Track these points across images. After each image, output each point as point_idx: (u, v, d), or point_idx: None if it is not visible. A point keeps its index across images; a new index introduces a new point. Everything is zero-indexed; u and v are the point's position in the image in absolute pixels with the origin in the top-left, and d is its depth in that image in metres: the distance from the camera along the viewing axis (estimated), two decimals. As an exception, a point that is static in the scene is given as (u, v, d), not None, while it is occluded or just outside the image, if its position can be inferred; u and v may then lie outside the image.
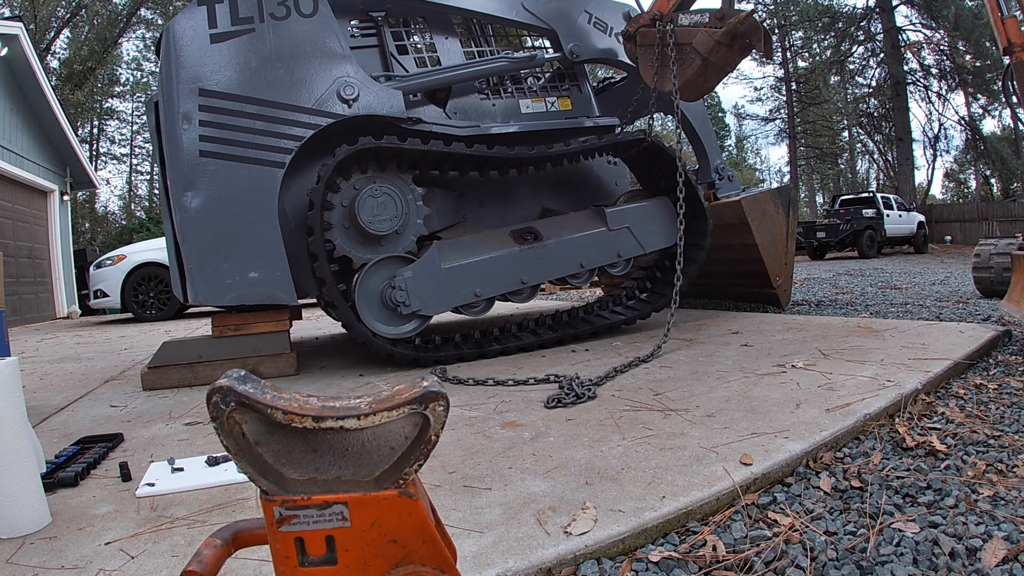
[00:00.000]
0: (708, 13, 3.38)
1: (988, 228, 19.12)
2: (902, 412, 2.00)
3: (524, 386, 2.65)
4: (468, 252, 3.46)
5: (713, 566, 1.20)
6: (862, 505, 1.42)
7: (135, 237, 16.79)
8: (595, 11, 4.23)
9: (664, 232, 3.91)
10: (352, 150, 3.12)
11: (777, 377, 2.44)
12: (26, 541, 1.39)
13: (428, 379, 0.68)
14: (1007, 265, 4.61)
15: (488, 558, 1.20)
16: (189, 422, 2.45)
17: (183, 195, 3.06)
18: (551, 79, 4.28)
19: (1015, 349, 2.85)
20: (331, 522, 0.67)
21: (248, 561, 1.22)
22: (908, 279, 7.73)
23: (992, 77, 20.01)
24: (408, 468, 0.68)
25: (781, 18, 24.33)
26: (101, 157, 28.18)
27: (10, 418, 1.45)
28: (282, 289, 3.16)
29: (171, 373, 3.27)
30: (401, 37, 3.83)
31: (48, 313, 10.73)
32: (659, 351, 3.10)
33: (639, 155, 4.04)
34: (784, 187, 4.92)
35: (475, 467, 1.70)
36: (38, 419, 2.66)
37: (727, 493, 1.45)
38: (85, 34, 22.62)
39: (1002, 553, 1.15)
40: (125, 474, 1.78)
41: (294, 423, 0.63)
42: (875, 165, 31.99)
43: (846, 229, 14.99)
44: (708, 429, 1.86)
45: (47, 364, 4.60)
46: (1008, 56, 3.35)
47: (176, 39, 3.10)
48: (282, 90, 3.21)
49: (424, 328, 3.36)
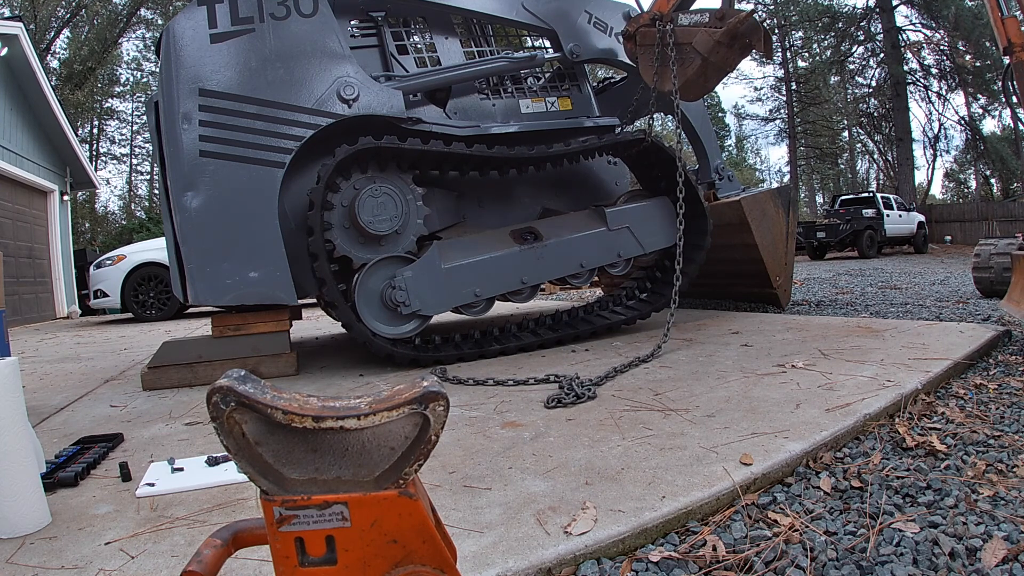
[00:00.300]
0: (708, 13, 3.38)
1: (988, 228, 19.12)
2: (902, 412, 2.00)
3: (524, 386, 2.65)
4: (468, 252, 3.46)
5: (713, 566, 1.20)
6: (862, 505, 1.42)
7: (135, 237, 16.80)
8: (595, 11, 4.23)
9: (664, 232, 3.91)
10: (352, 150, 3.12)
11: (777, 377, 2.44)
12: (26, 541, 1.39)
13: (428, 379, 0.68)
14: (1007, 265, 4.61)
15: (488, 558, 1.20)
16: (189, 422, 2.45)
17: (183, 195, 3.06)
18: (551, 79, 4.28)
19: (1015, 349, 2.85)
20: (331, 522, 0.67)
21: (248, 561, 1.22)
22: (908, 279, 7.73)
23: (992, 77, 20.01)
24: (408, 468, 0.68)
25: (781, 18, 24.34)
26: (101, 157, 28.19)
27: (10, 418, 1.45)
28: (282, 289, 3.16)
29: (171, 373, 3.27)
30: (401, 37, 3.83)
31: (48, 313, 10.73)
32: (659, 351, 3.10)
33: (639, 155, 4.04)
34: (784, 187, 4.92)
35: (475, 467, 1.70)
36: (38, 419, 2.66)
37: (727, 493, 1.45)
38: (85, 34, 22.63)
39: (1002, 553, 1.16)
40: (125, 474, 1.78)
41: (294, 423, 0.63)
42: (875, 165, 32.02)
43: (846, 229, 15.00)
44: (708, 429, 1.86)
45: (47, 364, 4.60)
46: (1008, 56, 3.35)
47: (176, 39, 3.10)
48: (282, 90, 3.21)
49: (424, 328, 3.36)
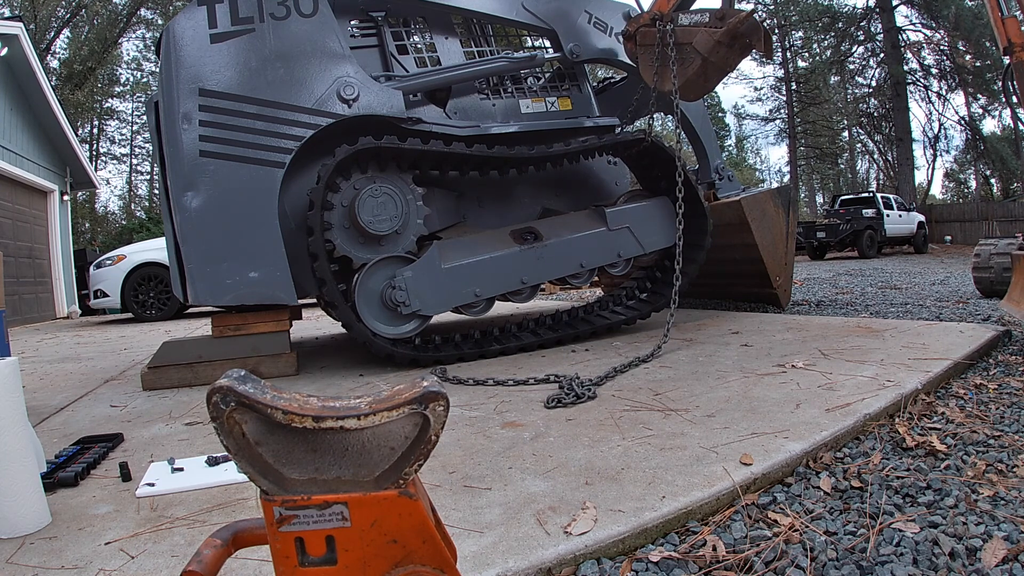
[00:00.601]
0: (708, 13, 3.38)
1: (988, 228, 19.12)
2: (902, 412, 2.00)
3: (524, 386, 2.65)
4: (468, 252, 3.46)
5: (713, 566, 1.20)
6: (862, 505, 1.42)
7: (135, 237, 16.80)
8: (595, 11, 4.23)
9: (664, 232, 3.91)
10: (352, 150, 3.12)
11: (777, 377, 2.44)
12: (26, 541, 1.39)
13: (428, 379, 0.68)
14: (1007, 265, 4.61)
15: (488, 558, 1.20)
16: (189, 422, 2.45)
17: (183, 195, 3.06)
18: (551, 79, 4.28)
19: (1015, 349, 2.85)
20: (331, 522, 0.67)
21: (248, 561, 1.22)
22: (908, 279, 7.73)
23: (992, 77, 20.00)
24: (408, 468, 0.67)
25: (781, 18, 24.34)
26: (101, 157, 28.19)
27: (10, 418, 1.45)
28: (282, 289, 3.16)
29: (171, 373, 3.27)
30: (401, 37, 3.83)
31: (48, 313, 10.73)
32: (659, 351, 3.09)
33: (639, 155, 4.04)
34: (784, 187, 4.92)
35: (475, 467, 1.70)
36: (38, 419, 2.66)
37: (727, 493, 1.45)
38: (85, 34, 22.62)
39: (1002, 553, 1.15)
40: (125, 474, 1.78)
41: (294, 423, 0.63)
42: (875, 165, 32.01)
43: (846, 229, 15.00)
44: (708, 429, 1.86)
45: (47, 364, 4.60)
46: (1008, 56, 3.35)
47: (176, 39, 3.10)
48: (282, 90, 3.21)
49: (424, 328, 3.36)
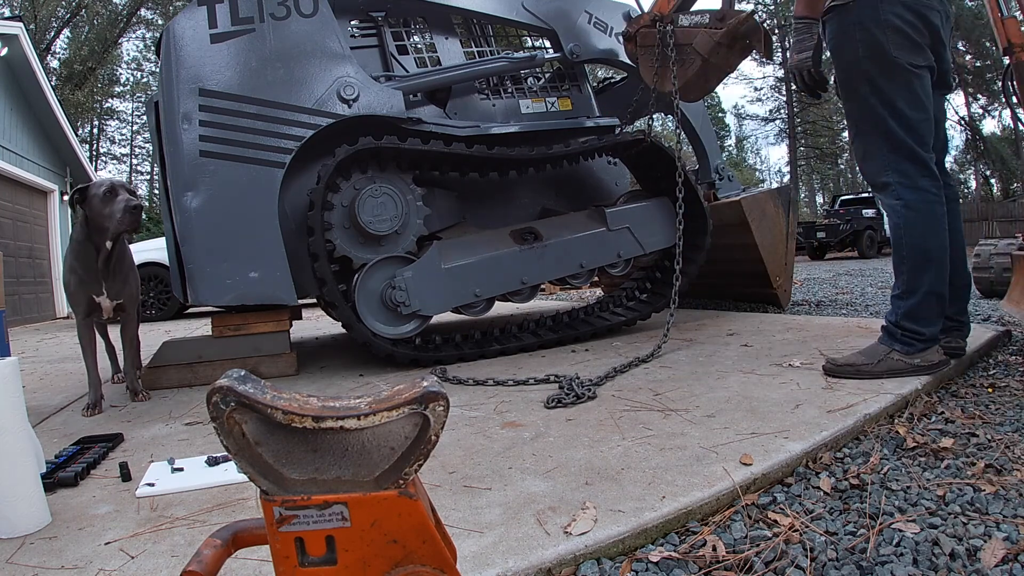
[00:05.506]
0: (708, 14, 3.37)
1: (988, 228, 19.13)
2: (902, 412, 2.00)
3: (524, 386, 2.65)
4: (468, 252, 3.46)
5: (713, 566, 1.20)
6: (862, 505, 1.42)
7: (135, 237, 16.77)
8: (595, 11, 4.23)
9: (664, 232, 3.91)
10: (352, 150, 3.12)
11: (777, 377, 2.44)
12: (26, 541, 1.39)
13: (428, 379, 0.68)
14: (1007, 265, 4.60)
15: (488, 558, 1.20)
16: (189, 422, 2.45)
17: (183, 195, 3.06)
18: (551, 79, 4.28)
19: (1015, 349, 2.85)
20: (331, 522, 0.67)
21: (248, 561, 1.22)
22: (908, 279, 7.71)
23: (992, 77, 20.02)
24: (408, 468, 0.67)
25: (781, 18, 24.35)
26: (101, 157, 28.23)
27: (10, 418, 1.45)
28: (282, 289, 3.16)
29: (171, 373, 3.27)
30: (401, 37, 3.83)
31: (48, 313, 10.73)
32: (659, 351, 3.10)
33: (639, 155, 4.04)
34: (784, 187, 4.92)
35: (475, 467, 1.70)
36: (38, 419, 2.66)
37: (727, 493, 1.45)
38: (85, 34, 22.64)
39: (1002, 553, 1.15)
40: (125, 474, 1.78)
41: (294, 423, 0.63)
42: (875, 165, 31.92)
43: (846, 229, 15.01)
44: (708, 429, 1.86)
45: (47, 364, 4.60)
46: (1008, 56, 3.35)
47: (176, 39, 3.10)
48: (282, 90, 3.21)
49: (424, 328, 3.36)
